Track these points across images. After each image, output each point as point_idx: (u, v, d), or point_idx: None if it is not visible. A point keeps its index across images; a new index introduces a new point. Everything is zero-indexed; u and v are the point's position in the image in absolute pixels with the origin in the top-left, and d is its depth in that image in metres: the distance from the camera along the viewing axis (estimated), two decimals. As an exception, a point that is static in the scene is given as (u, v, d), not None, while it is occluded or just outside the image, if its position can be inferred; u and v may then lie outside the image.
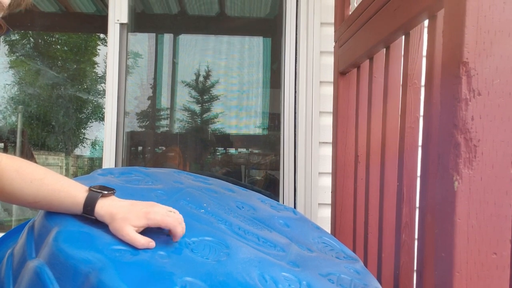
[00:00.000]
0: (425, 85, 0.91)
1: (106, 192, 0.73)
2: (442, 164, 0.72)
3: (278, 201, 1.44)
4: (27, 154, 4.33)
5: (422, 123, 0.92)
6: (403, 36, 1.05)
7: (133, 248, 0.68)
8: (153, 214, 0.71)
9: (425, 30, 0.96)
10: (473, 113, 0.68)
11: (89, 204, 0.72)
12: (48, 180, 0.74)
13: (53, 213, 0.75)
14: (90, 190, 0.73)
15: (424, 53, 0.95)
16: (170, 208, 0.76)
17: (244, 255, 0.75)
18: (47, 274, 0.65)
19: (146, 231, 0.72)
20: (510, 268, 0.69)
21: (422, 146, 0.92)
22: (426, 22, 0.93)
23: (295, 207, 1.99)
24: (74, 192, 0.73)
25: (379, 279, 1.12)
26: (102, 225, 0.73)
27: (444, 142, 0.71)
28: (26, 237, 0.78)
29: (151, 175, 1.07)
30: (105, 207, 0.72)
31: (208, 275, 0.66)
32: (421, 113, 0.96)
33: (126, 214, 0.70)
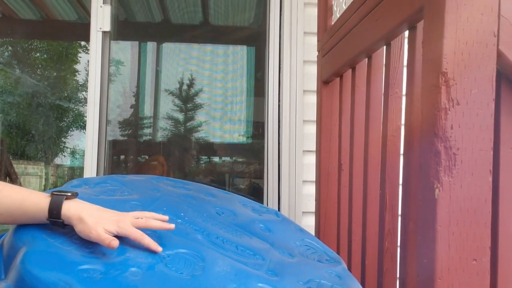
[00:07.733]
0: (406, 94, 0.93)
1: (69, 194, 0.74)
2: (423, 172, 0.73)
3: (262, 209, 1.43)
4: (5, 164, 4.22)
5: (404, 132, 0.94)
6: (385, 46, 1.07)
7: (102, 266, 0.67)
8: (123, 223, 0.73)
9: (406, 41, 0.98)
10: (452, 122, 0.69)
11: (55, 207, 0.71)
12: (7, 192, 0.72)
13: (21, 231, 0.74)
14: (53, 194, 0.73)
15: (405, 63, 0.97)
16: (138, 214, 0.77)
17: (220, 268, 0.74)
18: None
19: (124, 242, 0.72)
20: (490, 274, 0.70)
21: (404, 154, 0.93)
22: (406, 33, 0.95)
23: (279, 215, 1.98)
24: (36, 199, 0.73)
25: (362, 286, 1.13)
26: (70, 239, 0.72)
27: (425, 150, 0.72)
28: None
29: (128, 183, 1.05)
30: (72, 208, 0.71)
31: None
32: (403, 121, 0.98)
33: (98, 219, 0.71)
